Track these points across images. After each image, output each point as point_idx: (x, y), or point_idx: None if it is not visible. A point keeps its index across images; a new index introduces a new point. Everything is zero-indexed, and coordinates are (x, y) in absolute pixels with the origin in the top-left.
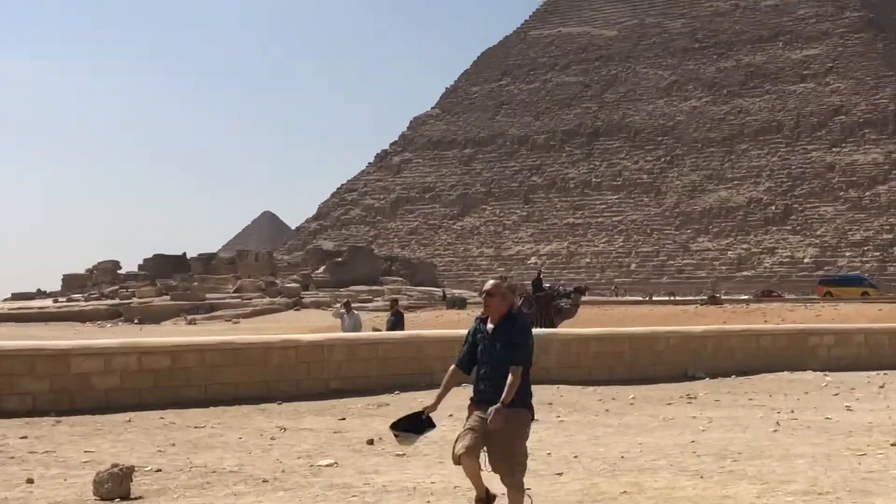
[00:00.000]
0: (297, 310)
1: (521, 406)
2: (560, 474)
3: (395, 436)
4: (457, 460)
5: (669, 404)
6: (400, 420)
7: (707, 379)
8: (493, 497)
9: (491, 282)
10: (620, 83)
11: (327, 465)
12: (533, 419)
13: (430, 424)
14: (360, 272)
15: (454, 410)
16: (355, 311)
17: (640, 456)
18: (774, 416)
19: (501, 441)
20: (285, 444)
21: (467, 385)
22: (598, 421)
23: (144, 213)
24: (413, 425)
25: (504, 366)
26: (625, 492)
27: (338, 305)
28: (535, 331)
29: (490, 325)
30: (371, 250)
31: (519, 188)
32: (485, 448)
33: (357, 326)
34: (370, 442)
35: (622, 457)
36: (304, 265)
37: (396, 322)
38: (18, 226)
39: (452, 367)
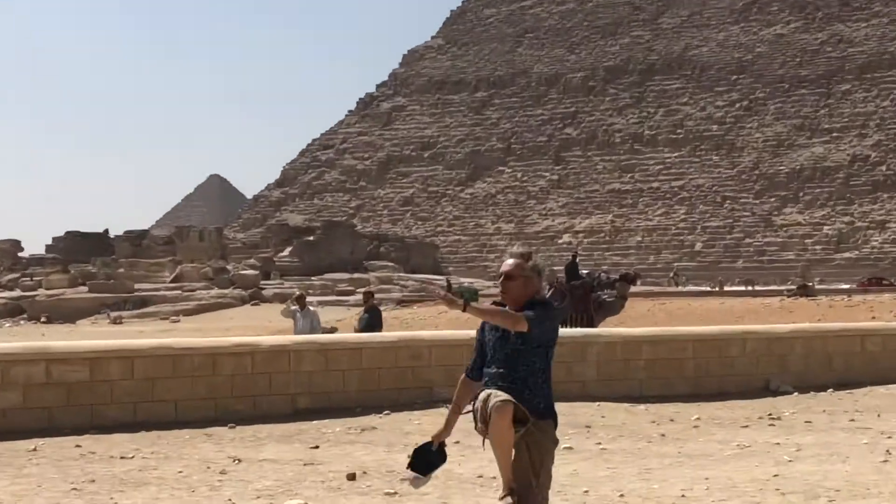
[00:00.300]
0: (256, 305)
1: (552, 417)
2: None
3: (410, 480)
4: (487, 427)
5: (745, 427)
6: (415, 455)
7: (795, 394)
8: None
9: (511, 261)
10: (682, 4)
11: None
12: (556, 426)
13: (442, 456)
14: (338, 255)
15: (460, 435)
16: (312, 308)
17: (707, 495)
18: (884, 443)
19: (529, 449)
20: (240, 481)
21: None
22: (650, 449)
23: (53, 179)
24: (420, 460)
25: (523, 358)
26: None
27: (301, 299)
28: (570, 331)
29: None
30: (352, 226)
31: (548, 144)
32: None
33: (314, 328)
34: (351, 477)
35: (683, 496)
36: (264, 246)
37: (371, 321)
38: None
39: (462, 377)
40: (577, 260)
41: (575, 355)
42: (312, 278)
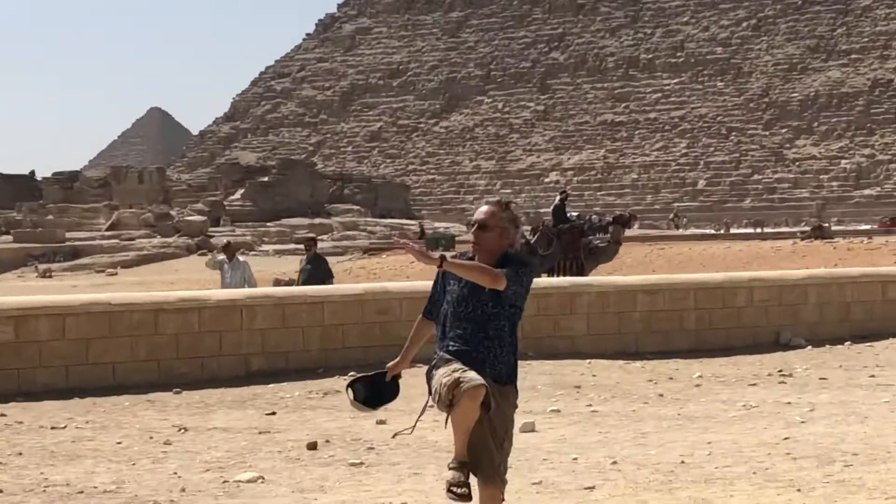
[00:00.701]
0: (203, 255)
1: (514, 382)
2: (591, 488)
3: (351, 402)
4: (450, 401)
5: (753, 385)
6: (357, 380)
7: (809, 348)
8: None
9: (485, 208)
10: None
11: (249, 481)
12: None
13: (394, 390)
14: (296, 198)
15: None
16: (241, 258)
17: (710, 460)
18: None
19: (489, 419)
20: (186, 452)
21: None
22: (647, 411)
23: None
24: (372, 391)
25: (493, 321)
26: None
27: (229, 248)
28: (558, 280)
29: None
30: (313, 165)
31: (532, 70)
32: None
33: (247, 282)
34: (312, 446)
35: (683, 462)
36: (212, 188)
37: (315, 272)
38: None
39: (419, 318)
40: (566, 201)
41: (563, 307)
42: (268, 224)
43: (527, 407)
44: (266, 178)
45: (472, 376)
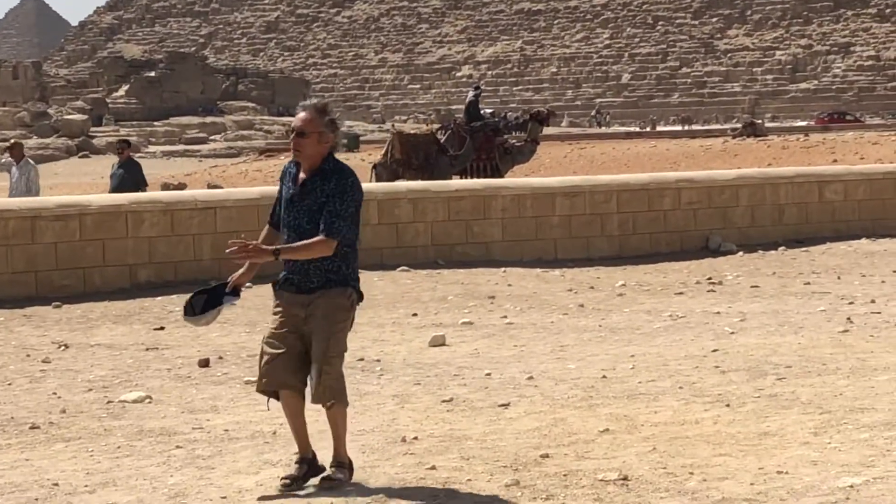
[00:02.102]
0: (85, 157)
1: (340, 285)
2: (506, 405)
3: (184, 318)
4: (266, 383)
5: (680, 294)
6: (197, 294)
7: (740, 254)
8: (322, 467)
9: (302, 114)
10: None
11: (135, 402)
12: (360, 301)
13: (234, 294)
14: (186, 95)
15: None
16: (31, 161)
17: (633, 375)
18: (844, 310)
19: (317, 332)
20: (67, 371)
21: None
22: (566, 323)
23: None
24: (213, 299)
25: (314, 232)
26: (606, 430)
27: (16, 148)
28: (470, 182)
29: (301, 176)
30: (203, 59)
31: None
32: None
33: (30, 188)
34: (204, 363)
35: (604, 377)
36: (93, 84)
37: (127, 177)
38: None
39: (266, 227)
40: (480, 97)
41: (476, 211)
42: (155, 123)
43: (437, 319)
44: (152, 74)
45: (266, 359)
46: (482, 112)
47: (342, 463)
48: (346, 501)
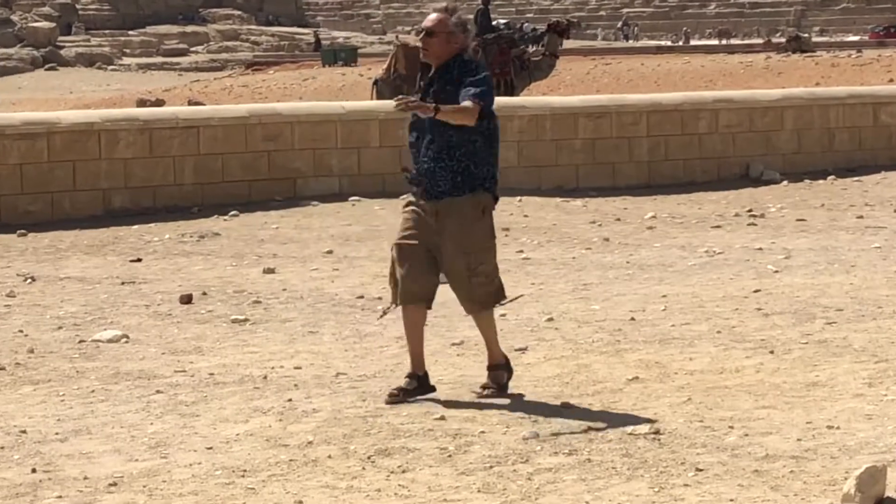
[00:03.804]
0: (52, 69)
1: (469, 190)
2: (523, 350)
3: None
4: (400, 296)
5: (717, 227)
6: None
7: (784, 183)
8: (432, 387)
9: (433, 15)
10: None
11: (110, 341)
12: (495, 203)
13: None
14: (165, 1)
15: (333, 244)
16: None
17: (665, 317)
18: None
19: (455, 238)
20: (35, 306)
21: None
22: (589, 258)
23: None
24: None
25: (442, 128)
26: (635, 378)
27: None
28: None
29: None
30: None
31: None
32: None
33: None
34: (186, 299)
35: (632, 319)
36: None
37: None
38: None
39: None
40: (490, 5)
41: None
42: (130, 33)
43: None
44: None
45: (405, 273)
46: (494, 23)
47: (499, 364)
48: (345, 451)
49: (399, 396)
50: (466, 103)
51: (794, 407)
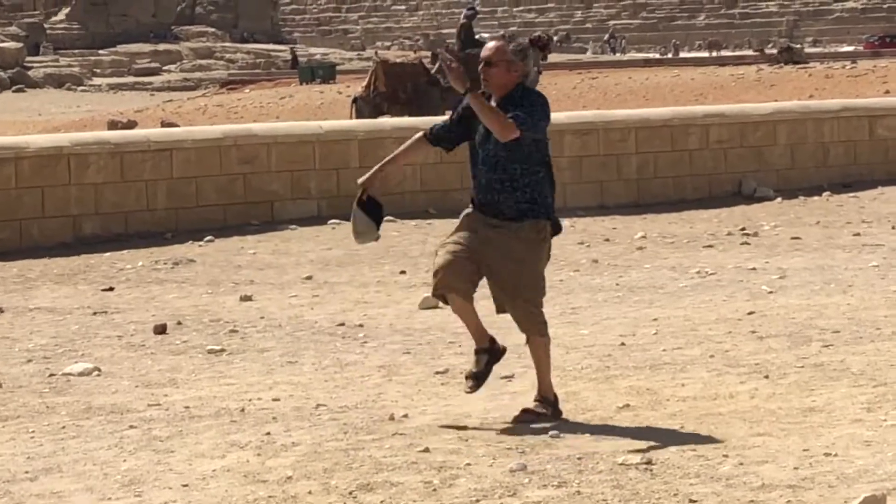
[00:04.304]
0: (20, 91)
1: (536, 217)
2: (510, 377)
3: (355, 226)
4: (439, 286)
5: (709, 247)
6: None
7: (778, 200)
8: (501, 350)
9: (491, 44)
10: None
11: (82, 374)
12: (556, 233)
13: (377, 206)
14: (136, 18)
15: (313, 269)
16: None
17: (656, 342)
18: None
19: (502, 262)
20: (3, 339)
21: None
22: (578, 281)
23: None
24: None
25: (507, 161)
26: (626, 405)
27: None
28: None
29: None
30: None
31: None
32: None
33: None
34: (160, 330)
35: (622, 344)
36: (29, 7)
37: None
38: None
39: (419, 135)
40: (474, 18)
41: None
42: (100, 52)
43: (428, 277)
44: None
45: (441, 261)
46: (478, 37)
47: (545, 398)
48: (325, 487)
49: (477, 385)
50: (508, 119)
51: (790, 434)
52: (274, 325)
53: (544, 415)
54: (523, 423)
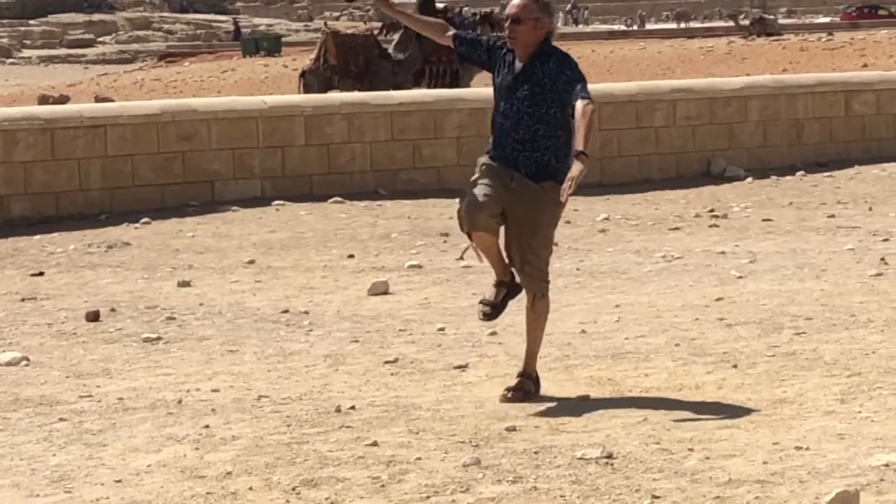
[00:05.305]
0: None
1: (555, 179)
2: (463, 367)
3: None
4: (466, 223)
5: (675, 229)
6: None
7: (749, 180)
8: (519, 287)
9: (517, 1)
10: None
11: (10, 364)
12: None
13: None
14: None
15: (255, 252)
16: None
17: (618, 329)
18: (877, 248)
19: (522, 218)
20: None
21: None
22: None
23: None
24: None
25: (529, 120)
26: (586, 396)
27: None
28: (418, 93)
29: (518, 64)
30: None
31: None
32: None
33: None
34: (93, 317)
35: (583, 331)
36: None
37: None
38: None
39: (445, 25)
40: None
41: (425, 129)
42: (30, 22)
43: (378, 262)
44: None
45: (470, 199)
46: (436, 6)
47: (529, 375)
48: (267, 482)
49: (492, 314)
50: (581, 104)
51: (759, 426)
52: (214, 313)
53: (531, 393)
54: (507, 399)
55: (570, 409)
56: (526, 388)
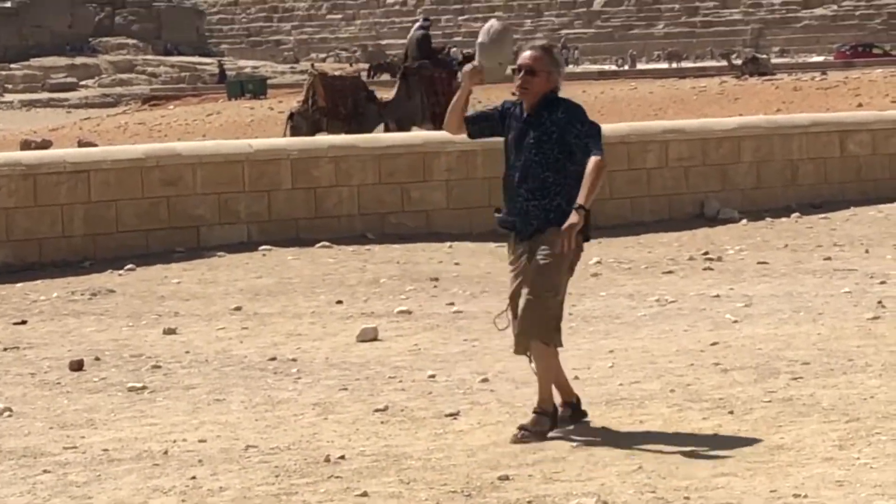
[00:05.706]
0: None
1: (559, 225)
2: (454, 415)
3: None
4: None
5: (669, 273)
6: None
7: (743, 221)
8: (583, 413)
9: (529, 53)
10: None
11: None
12: (585, 240)
13: None
14: (51, 29)
15: (242, 298)
16: None
17: (612, 375)
18: (874, 291)
19: (531, 266)
20: None
21: None
22: None
23: None
24: None
25: (538, 168)
26: (580, 444)
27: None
28: (405, 136)
29: (525, 115)
30: None
31: None
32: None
33: None
34: (77, 366)
35: (576, 377)
36: None
37: None
38: None
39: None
40: (429, 29)
41: (414, 172)
42: (12, 66)
43: (367, 308)
44: (8, 4)
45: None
46: (433, 47)
47: (544, 411)
48: None
49: (529, 434)
50: (594, 161)
51: (756, 474)
52: (200, 361)
53: (541, 432)
54: (521, 442)
55: (564, 457)
56: (540, 425)
